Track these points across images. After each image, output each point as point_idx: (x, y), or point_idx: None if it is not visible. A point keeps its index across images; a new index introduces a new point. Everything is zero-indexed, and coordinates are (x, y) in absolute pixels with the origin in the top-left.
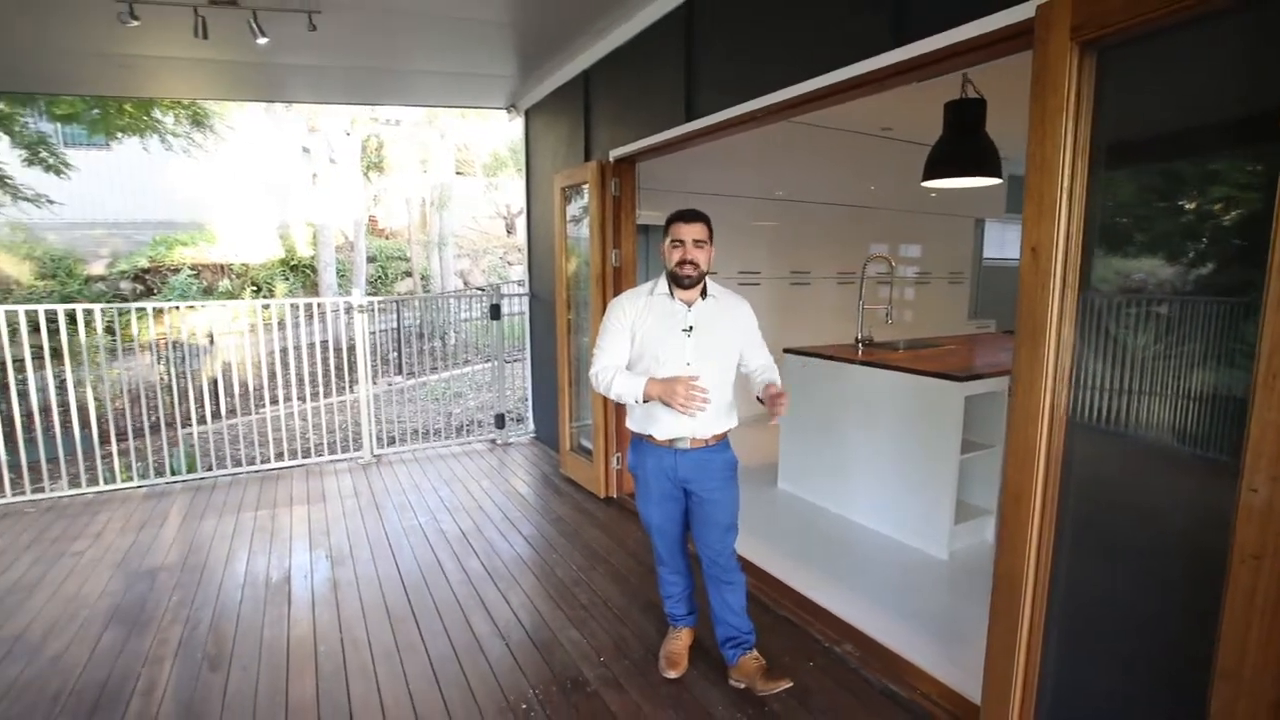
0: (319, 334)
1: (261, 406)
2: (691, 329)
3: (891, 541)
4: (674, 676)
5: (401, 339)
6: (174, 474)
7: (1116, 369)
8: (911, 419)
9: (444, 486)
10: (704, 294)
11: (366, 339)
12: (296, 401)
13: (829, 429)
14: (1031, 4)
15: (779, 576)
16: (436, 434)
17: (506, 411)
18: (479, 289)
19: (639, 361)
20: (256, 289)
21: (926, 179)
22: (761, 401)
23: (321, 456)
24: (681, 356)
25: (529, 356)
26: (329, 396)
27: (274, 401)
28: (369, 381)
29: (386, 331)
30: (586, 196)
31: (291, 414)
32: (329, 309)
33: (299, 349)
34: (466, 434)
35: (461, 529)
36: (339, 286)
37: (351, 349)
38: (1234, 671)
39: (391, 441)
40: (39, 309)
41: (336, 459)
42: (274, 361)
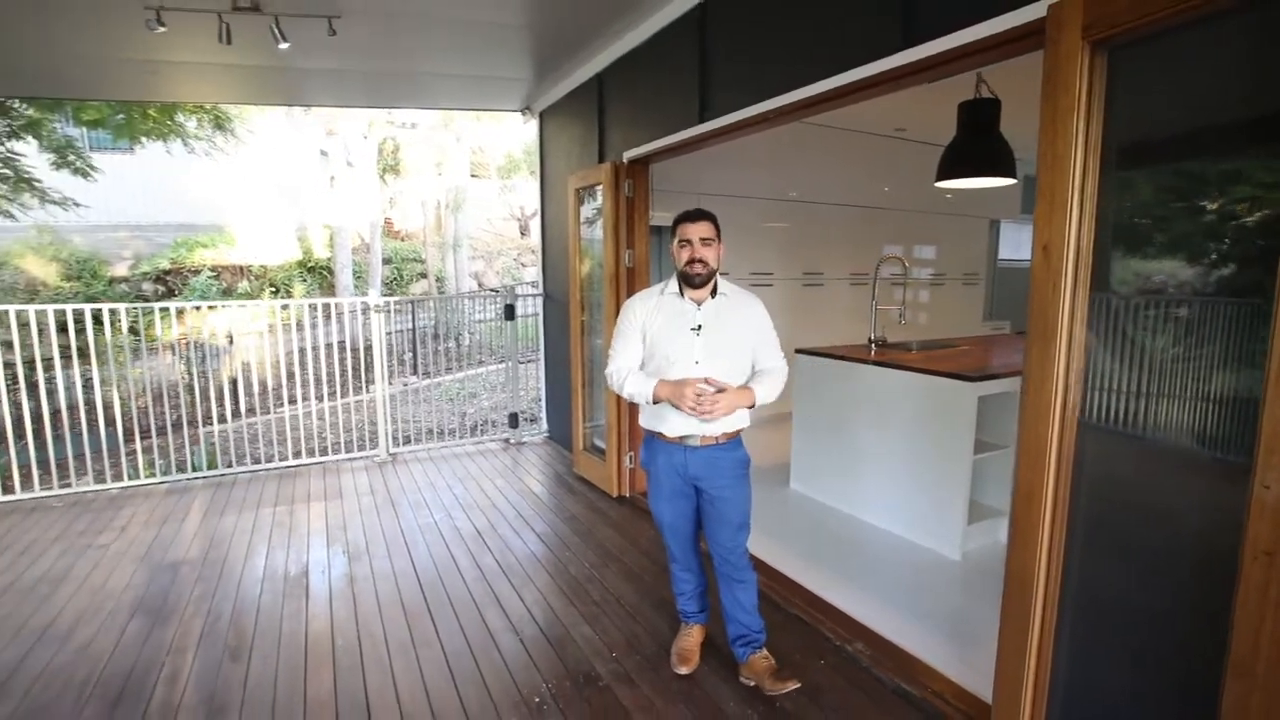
0: (336, 335)
1: (280, 405)
2: (700, 328)
3: (904, 542)
4: (685, 673)
5: (417, 340)
6: (195, 470)
7: (1128, 367)
8: (924, 419)
9: (458, 485)
10: (714, 293)
11: (383, 339)
12: (314, 401)
13: (841, 429)
14: (1043, 4)
15: (790, 575)
16: (451, 433)
17: (520, 411)
18: (492, 290)
19: (650, 361)
20: (275, 290)
21: (940, 179)
22: None
23: (338, 454)
24: (690, 355)
25: (542, 357)
26: (345, 396)
27: (292, 401)
28: (385, 381)
29: (402, 332)
30: (600, 198)
31: (309, 413)
32: (346, 309)
33: (316, 349)
34: (480, 433)
35: (476, 526)
36: (355, 288)
37: (368, 349)
38: (1247, 668)
39: (407, 440)
40: (67, 308)
41: (353, 457)
42: (292, 362)
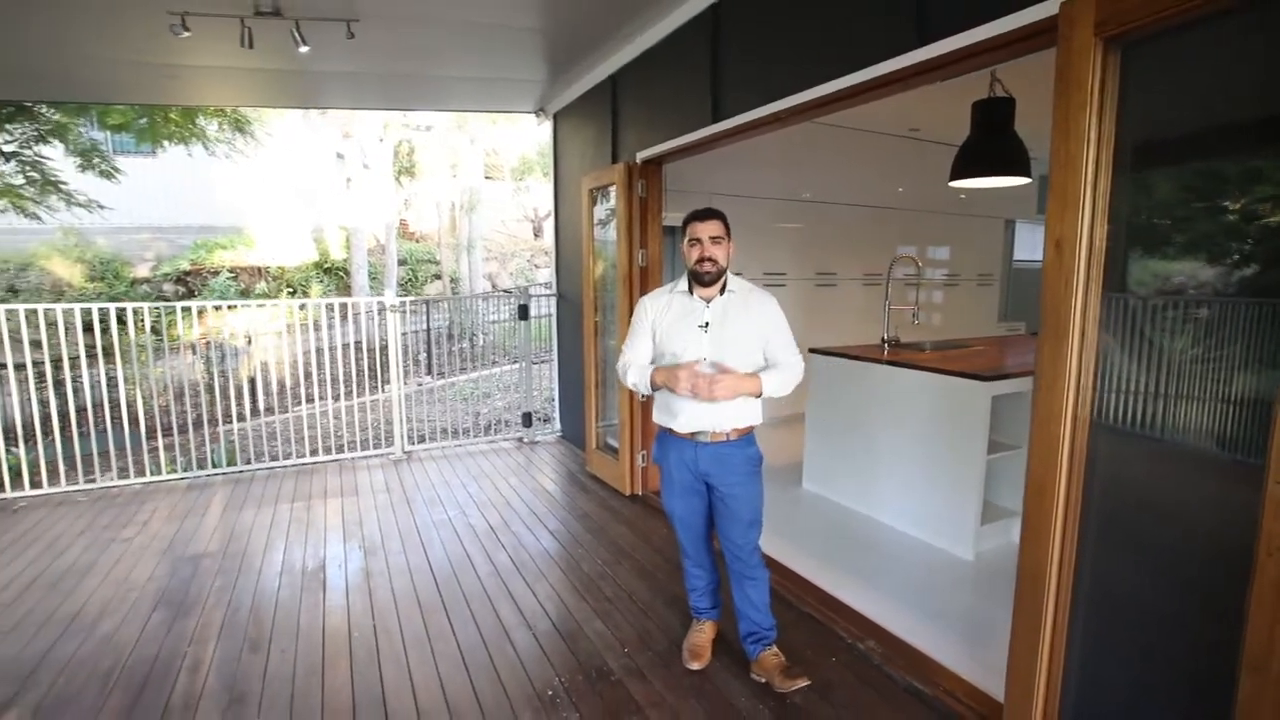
0: (352, 335)
1: (297, 404)
2: (707, 324)
3: (916, 542)
4: (697, 668)
5: (431, 340)
6: (215, 467)
7: (1141, 363)
8: (937, 419)
9: (472, 482)
10: (723, 290)
11: (398, 339)
12: (330, 400)
13: (854, 429)
14: (1054, 1)
15: (803, 574)
16: (465, 432)
17: (533, 411)
18: (506, 290)
19: (660, 358)
20: (292, 291)
21: (954, 179)
22: None
23: (354, 452)
24: (699, 351)
25: (555, 358)
26: (361, 395)
27: (309, 400)
28: (400, 380)
29: (417, 333)
30: (613, 198)
31: (325, 412)
32: (363, 309)
33: (333, 349)
34: (494, 432)
35: (489, 523)
36: (371, 289)
37: (384, 349)
38: (1261, 664)
39: (421, 439)
40: (92, 307)
41: (369, 455)
42: (309, 361)
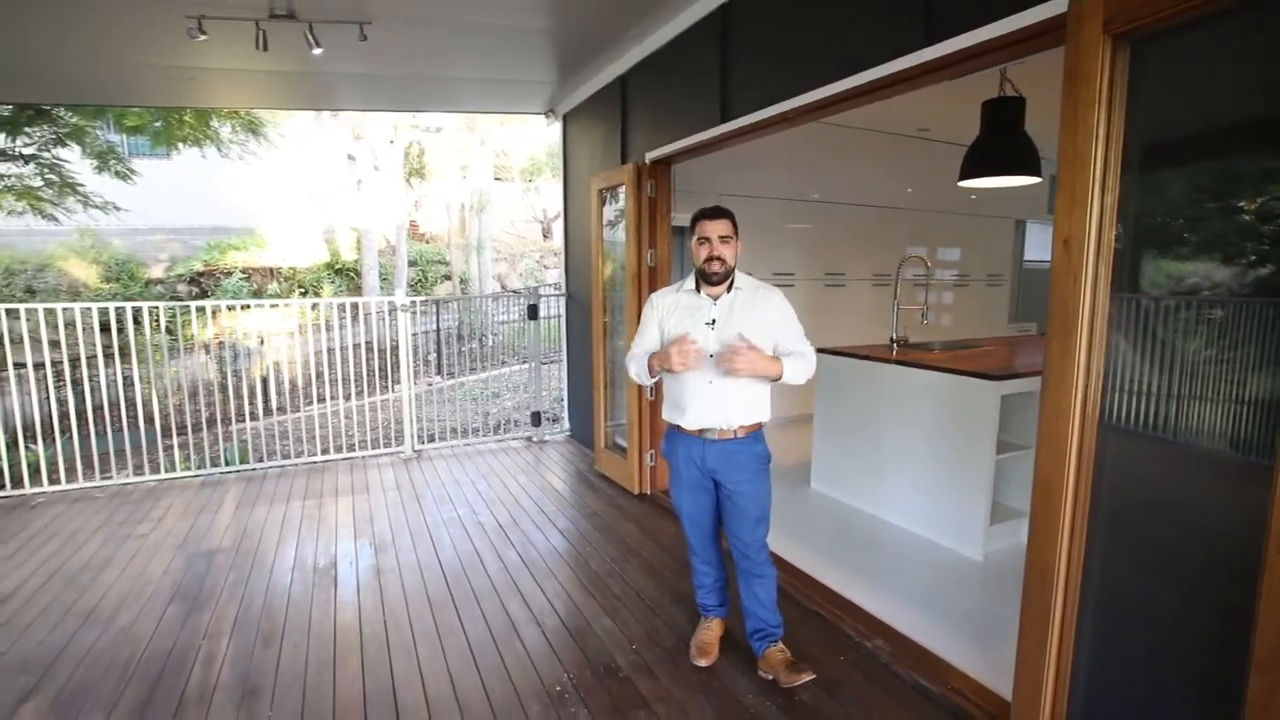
0: (363, 335)
1: (309, 404)
2: (714, 321)
3: (925, 542)
4: (704, 665)
5: (441, 341)
6: (228, 465)
7: (1150, 360)
8: (946, 419)
9: (482, 481)
10: (730, 288)
11: (409, 339)
12: (342, 399)
13: (862, 429)
14: None
15: (810, 573)
16: (474, 432)
17: (542, 411)
18: (515, 291)
19: None
20: (304, 291)
21: (964, 179)
22: None
23: (365, 451)
24: (706, 348)
25: (564, 358)
26: (372, 395)
27: (320, 399)
28: (410, 380)
29: (427, 334)
30: (623, 199)
31: (336, 411)
32: (374, 309)
33: (344, 349)
34: (503, 432)
35: (499, 521)
36: (381, 290)
37: (394, 349)
38: (1271, 664)
39: (431, 438)
40: (109, 306)
41: (379, 453)
42: (320, 361)
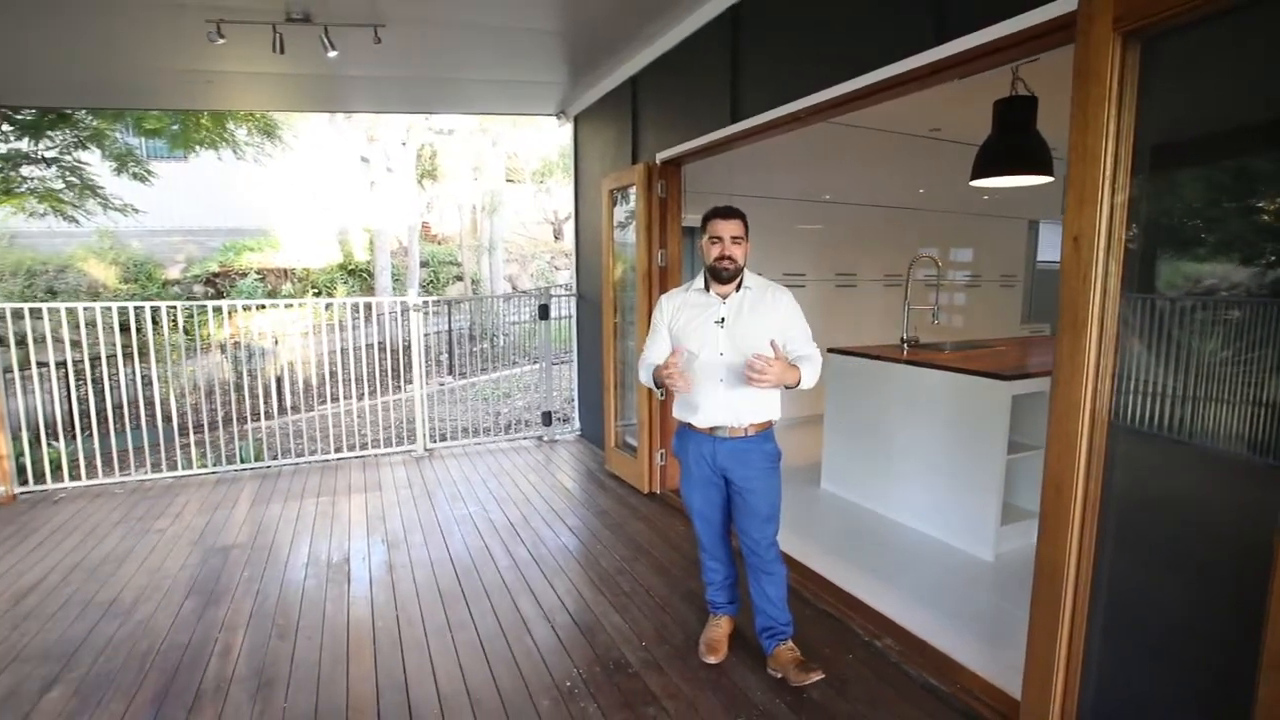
0: (375, 336)
1: (322, 403)
2: (723, 320)
3: (936, 542)
4: (713, 662)
5: (453, 341)
6: (243, 462)
7: (1160, 357)
8: (957, 419)
9: (493, 479)
10: (739, 287)
11: (421, 339)
12: (354, 399)
13: (873, 430)
14: None
15: (820, 572)
16: (485, 431)
17: (553, 410)
18: (526, 291)
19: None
20: (317, 292)
21: (975, 179)
22: None
23: (377, 449)
24: (715, 347)
25: (575, 358)
26: (384, 394)
27: (333, 399)
28: (422, 380)
29: (439, 334)
30: (633, 199)
31: (349, 410)
32: (386, 309)
33: (357, 349)
34: (514, 431)
35: (509, 519)
36: (394, 290)
37: (406, 349)
38: None
39: (443, 437)
40: (129, 305)
41: (391, 452)
42: (333, 361)
